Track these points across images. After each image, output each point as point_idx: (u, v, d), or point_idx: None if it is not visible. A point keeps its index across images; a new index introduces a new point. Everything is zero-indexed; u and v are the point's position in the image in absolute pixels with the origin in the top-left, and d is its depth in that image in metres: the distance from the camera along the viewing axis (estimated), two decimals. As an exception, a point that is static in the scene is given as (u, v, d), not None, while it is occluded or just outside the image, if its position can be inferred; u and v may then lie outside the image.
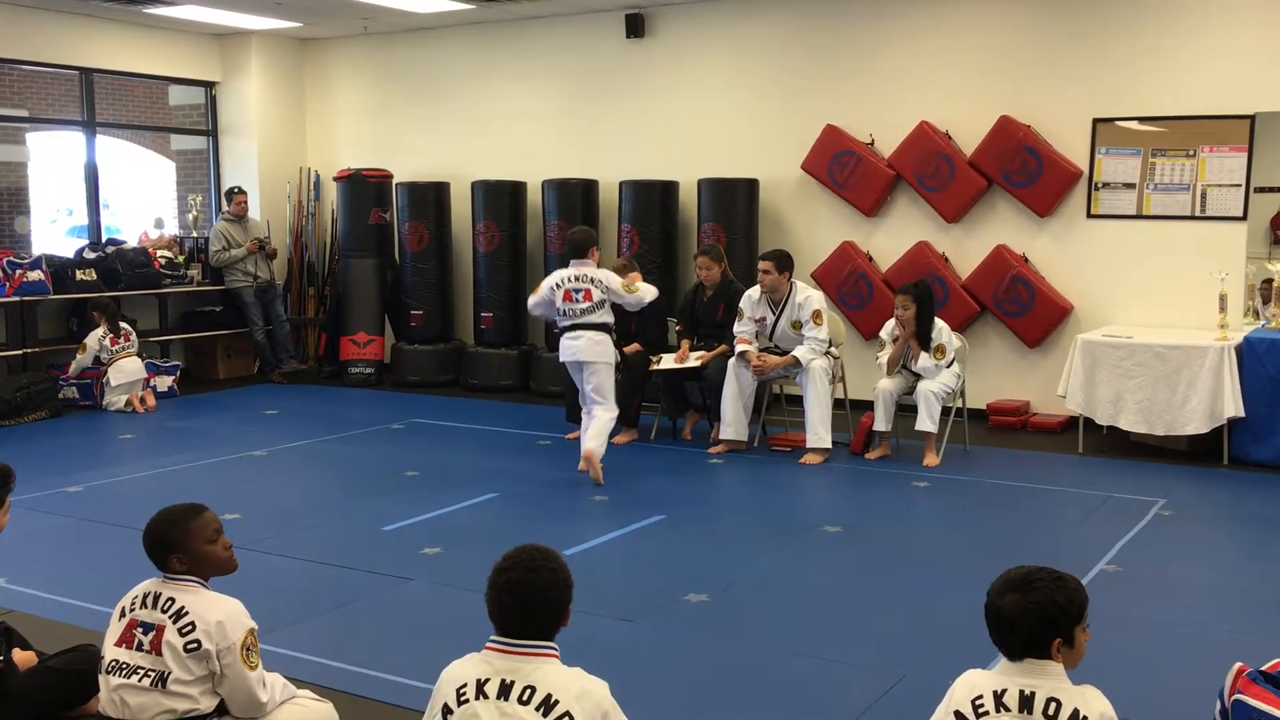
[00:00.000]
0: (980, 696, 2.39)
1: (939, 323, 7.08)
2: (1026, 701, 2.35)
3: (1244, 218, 7.57)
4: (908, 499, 6.38)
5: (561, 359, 6.81)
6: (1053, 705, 2.33)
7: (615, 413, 6.75)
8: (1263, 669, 2.86)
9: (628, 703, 2.51)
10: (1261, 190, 8.09)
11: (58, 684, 3.32)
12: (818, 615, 4.53)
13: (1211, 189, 7.61)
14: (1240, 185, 7.53)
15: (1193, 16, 7.60)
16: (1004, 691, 2.37)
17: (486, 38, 10.21)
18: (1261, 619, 4.43)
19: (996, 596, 2.44)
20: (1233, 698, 2.83)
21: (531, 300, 6.97)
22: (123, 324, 9.06)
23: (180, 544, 2.97)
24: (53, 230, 14.59)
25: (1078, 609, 2.41)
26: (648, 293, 6.87)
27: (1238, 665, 2.89)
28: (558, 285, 6.71)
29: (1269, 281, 7.49)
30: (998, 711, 2.36)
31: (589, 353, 6.65)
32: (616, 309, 6.83)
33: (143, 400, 8.90)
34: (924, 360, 6.99)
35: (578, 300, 6.64)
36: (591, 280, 6.65)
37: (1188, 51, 7.62)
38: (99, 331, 8.90)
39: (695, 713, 3.67)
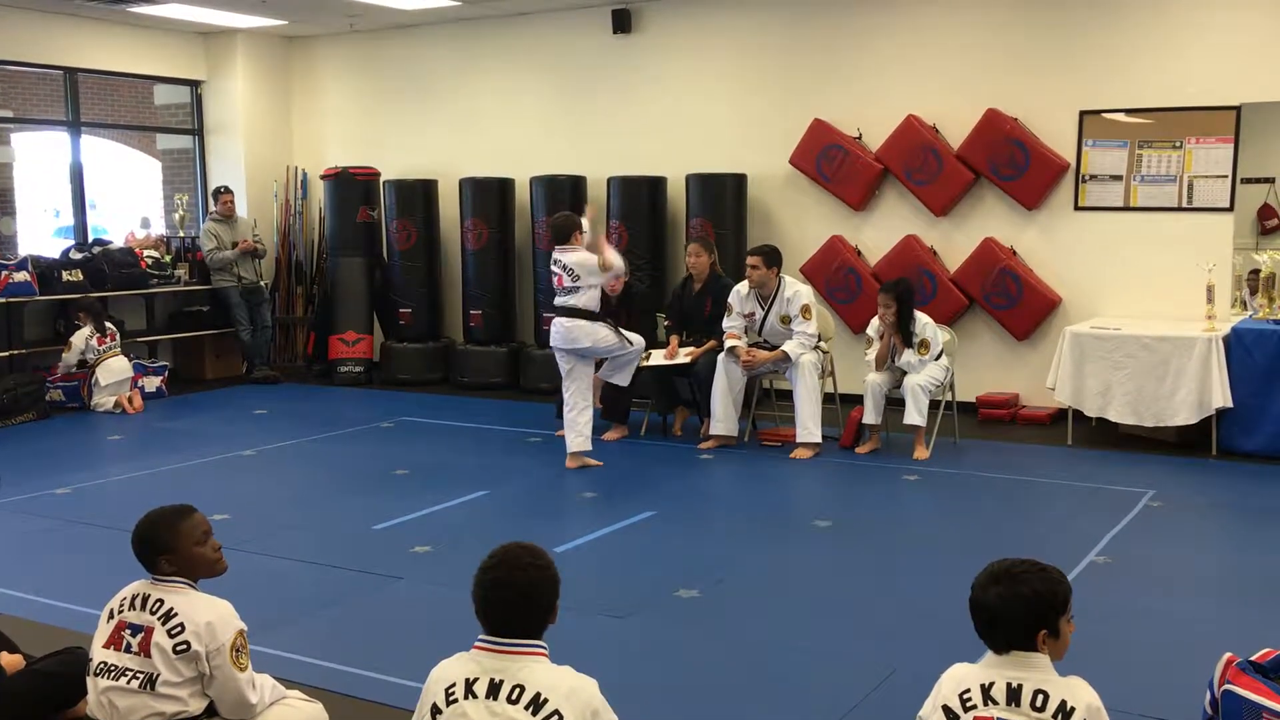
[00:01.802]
0: (968, 690, 2.39)
1: (922, 317, 7.09)
2: (1014, 694, 2.35)
3: (1231, 208, 7.59)
4: (898, 492, 6.38)
5: (550, 344, 6.95)
6: (1040, 697, 2.33)
7: (584, 411, 6.80)
8: (1252, 659, 2.87)
9: (618, 700, 2.50)
10: (1248, 181, 8.11)
11: (46, 687, 3.30)
12: (808, 610, 4.53)
13: (1198, 180, 7.63)
14: (1227, 176, 7.55)
15: (1179, 8, 7.62)
16: (991, 685, 2.37)
17: (473, 34, 10.18)
18: (1251, 609, 4.44)
19: (980, 590, 2.43)
20: (1223, 688, 2.84)
21: None
22: (108, 324, 9.03)
23: (169, 546, 2.96)
24: (39, 231, 14.53)
25: (1062, 600, 2.41)
26: (616, 259, 6.84)
27: (1227, 655, 2.90)
28: (550, 264, 6.93)
29: (1256, 272, 7.51)
30: (985, 705, 2.35)
31: (564, 340, 6.78)
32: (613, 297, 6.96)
33: (130, 400, 8.87)
34: (908, 355, 7.00)
35: (555, 283, 6.82)
36: (563, 266, 6.74)
37: (1174, 43, 7.63)
38: (85, 331, 8.86)
39: (686, 709, 3.66)
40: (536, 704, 2.32)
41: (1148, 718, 3.45)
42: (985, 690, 2.37)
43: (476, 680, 2.37)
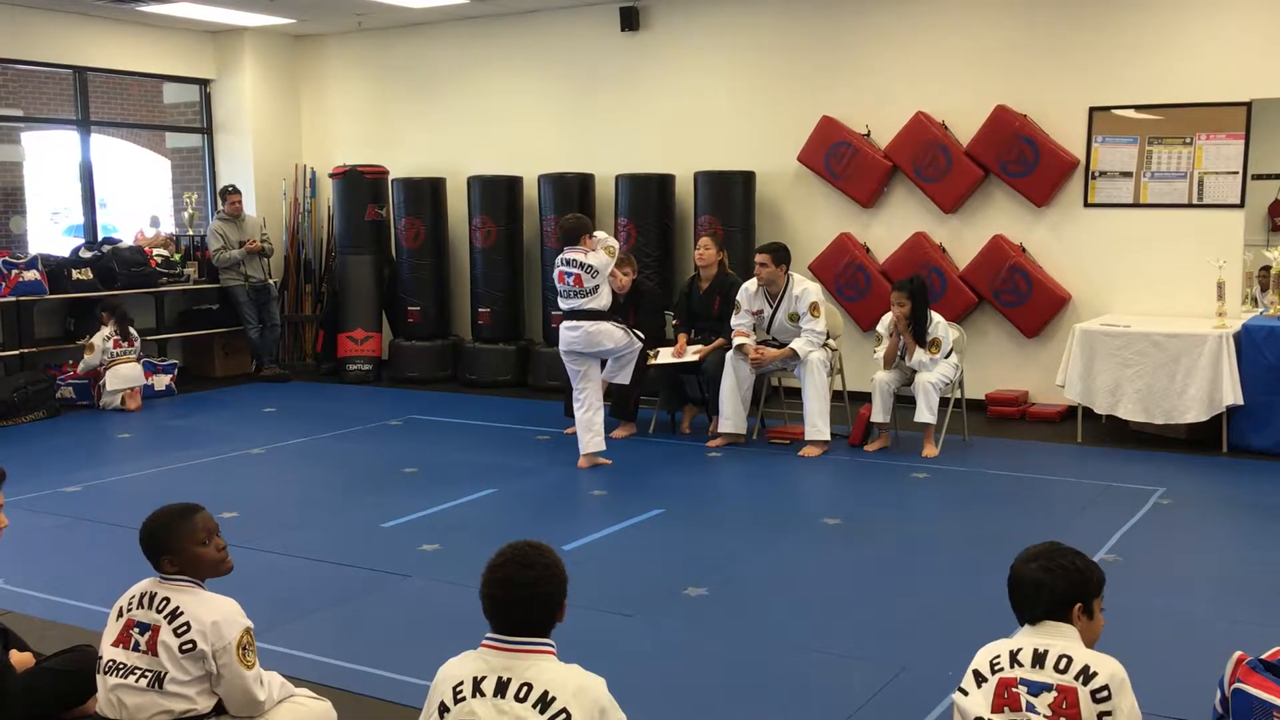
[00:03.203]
0: (997, 656, 2.52)
1: (935, 316, 7.07)
2: (1039, 658, 2.47)
3: (1241, 205, 7.56)
4: (907, 490, 6.37)
5: (560, 348, 6.85)
6: (1064, 660, 2.44)
7: (599, 412, 6.80)
8: (1263, 657, 2.86)
9: (626, 698, 2.50)
10: (1259, 177, 8.09)
11: (55, 685, 3.31)
12: (817, 608, 4.52)
13: (1209, 176, 7.60)
14: (1237, 172, 7.52)
15: (1188, 3, 7.58)
16: (1019, 650, 2.50)
17: (481, 32, 10.19)
18: (1262, 607, 4.42)
19: (1021, 565, 2.59)
20: (1233, 686, 2.83)
21: None
22: (131, 329, 9.04)
23: (171, 546, 2.96)
24: (48, 229, 14.59)
25: (1098, 580, 2.57)
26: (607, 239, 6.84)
27: (1238, 654, 2.89)
28: (555, 265, 6.84)
29: (1267, 269, 7.47)
30: (1011, 667, 2.48)
31: (586, 344, 6.74)
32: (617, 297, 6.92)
33: (132, 396, 8.87)
34: (919, 355, 6.98)
35: (569, 283, 6.70)
36: (580, 265, 6.67)
37: (1184, 39, 7.60)
38: (106, 331, 8.89)
39: (694, 707, 3.66)
40: (544, 702, 2.32)
41: (1158, 716, 3.43)
42: (1013, 655, 2.49)
43: (484, 678, 2.37)
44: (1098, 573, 2.56)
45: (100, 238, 10.17)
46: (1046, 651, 2.45)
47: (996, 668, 2.48)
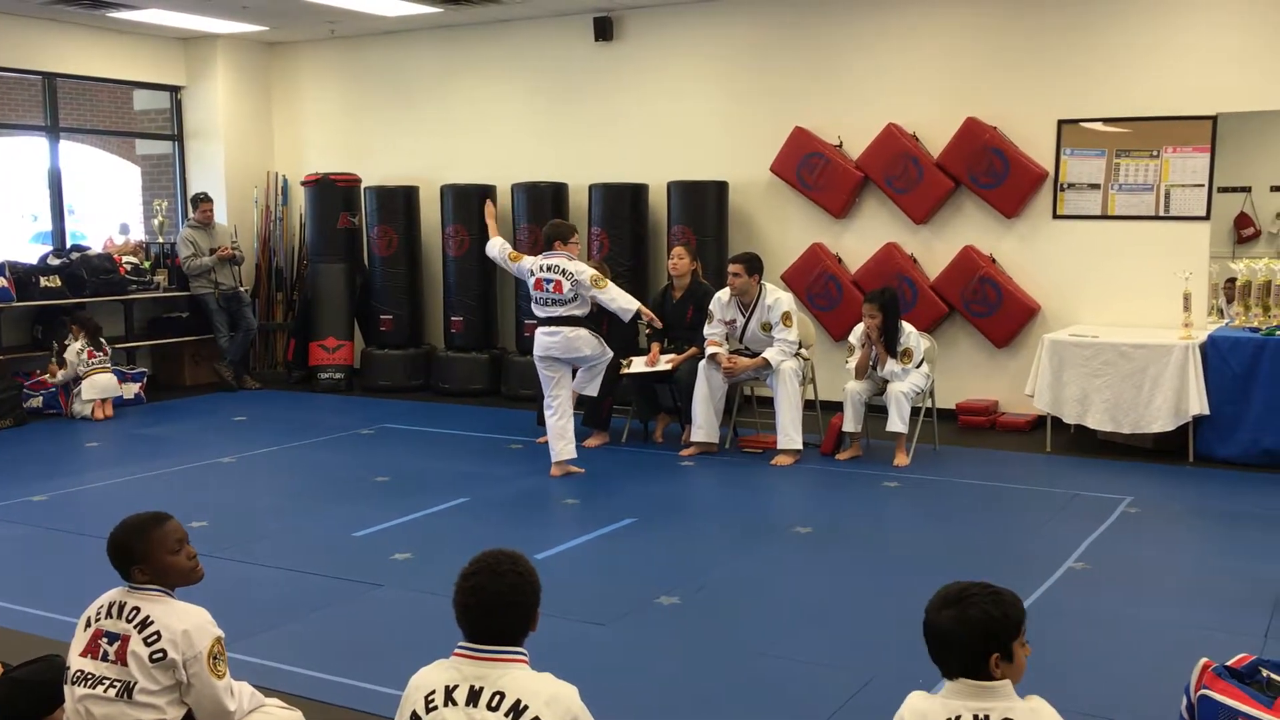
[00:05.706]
0: None
1: (906, 327, 7.12)
2: None
3: (1207, 217, 7.65)
4: (878, 499, 6.40)
5: (535, 354, 6.83)
6: None
7: (571, 419, 6.79)
8: (1228, 664, 2.90)
9: (599, 707, 2.50)
10: (1224, 190, 8.18)
11: (22, 695, 3.27)
12: (789, 616, 4.53)
13: (1175, 189, 7.69)
14: (1203, 185, 7.61)
15: (1156, 18, 7.68)
16: (958, 718, 2.33)
17: (454, 41, 10.18)
18: (1227, 615, 4.46)
19: (934, 613, 2.42)
20: (1199, 693, 2.87)
21: (497, 253, 7.03)
22: (102, 339, 8.96)
23: (141, 555, 2.94)
24: (16, 236, 14.45)
25: (1014, 624, 2.38)
26: (618, 297, 6.79)
27: (1203, 661, 2.92)
28: (533, 271, 6.77)
29: (1232, 280, 7.57)
30: None
31: (564, 350, 6.73)
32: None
33: (102, 405, 8.80)
34: (891, 365, 7.03)
35: (548, 290, 6.68)
36: (562, 271, 6.66)
37: (1151, 53, 7.70)
38: (77, 345, 8.79)
39: (666, 716, 3.66)
40: (516, 711, 2.32)
41: (1125, 723, 3.47)
42: None
43: (456, 687, 2.37)
44: (1015, 614, 2.38)
45: (69, 245, 10.08)
46: (988, 718, 2.30)
47: None
